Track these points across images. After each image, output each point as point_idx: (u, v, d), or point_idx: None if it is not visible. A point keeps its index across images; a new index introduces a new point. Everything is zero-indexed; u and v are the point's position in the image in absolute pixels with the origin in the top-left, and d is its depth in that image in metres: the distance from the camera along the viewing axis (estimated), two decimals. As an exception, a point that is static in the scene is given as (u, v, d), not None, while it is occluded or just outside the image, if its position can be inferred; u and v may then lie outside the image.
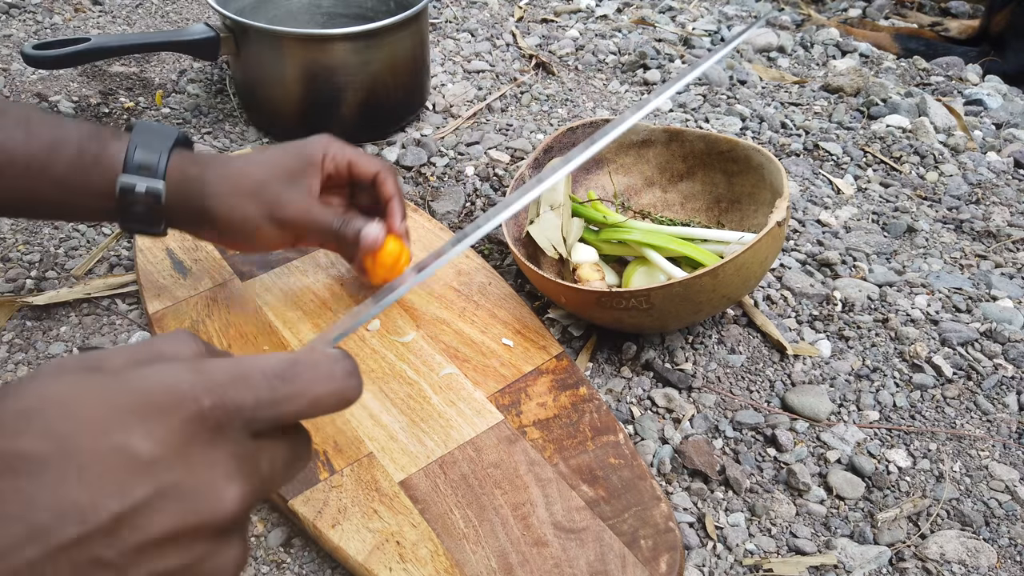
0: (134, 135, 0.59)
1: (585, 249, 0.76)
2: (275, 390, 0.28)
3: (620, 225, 0.75)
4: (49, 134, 0.57)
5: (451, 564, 0.52)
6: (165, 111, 1.02)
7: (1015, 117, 1.17)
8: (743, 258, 0.62)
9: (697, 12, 1.42)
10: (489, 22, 1.30)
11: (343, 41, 0.90)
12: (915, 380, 0.72)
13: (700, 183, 0.82)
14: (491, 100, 1.09)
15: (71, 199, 0.58)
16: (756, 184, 0.77)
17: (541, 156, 0.80)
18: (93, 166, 0.58)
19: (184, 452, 0.26)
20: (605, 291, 0.64)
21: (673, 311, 0.65)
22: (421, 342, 0.69)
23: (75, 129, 0.58)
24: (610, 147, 0.84)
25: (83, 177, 0.58)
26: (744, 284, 0.65)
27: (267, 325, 0.70)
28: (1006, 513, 0.62)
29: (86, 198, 0.59)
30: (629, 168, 0.85)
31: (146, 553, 0.25)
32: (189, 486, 0.26)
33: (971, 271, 0.85)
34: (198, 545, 0.26)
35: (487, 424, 0.62)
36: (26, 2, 1.23)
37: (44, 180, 0.57)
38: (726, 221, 0.80)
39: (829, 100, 1.16)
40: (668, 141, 0.82)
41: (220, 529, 0.27)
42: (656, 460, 0.64)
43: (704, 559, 0.57)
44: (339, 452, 0.59)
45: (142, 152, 0.58)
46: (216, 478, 0.26)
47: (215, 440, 0.27)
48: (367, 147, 0.98)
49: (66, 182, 0.57)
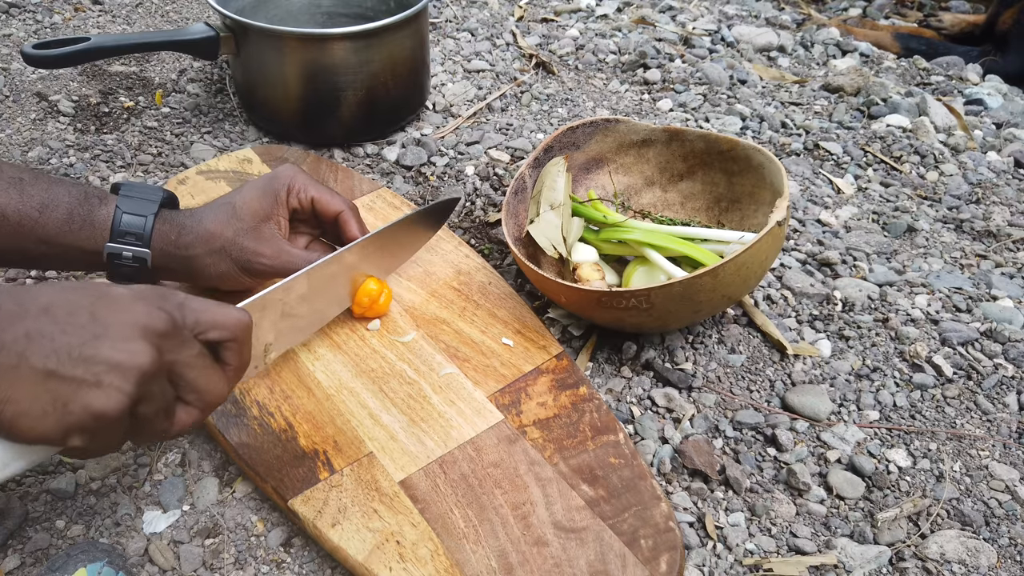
0: (120, 200, 0.62)
1: (585, 249, 0.76)
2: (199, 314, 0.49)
3: (620, 225, 0.75)
4: (40, 196, 0.60)
5: (451, 564, 0.52)
6: (165, 111, 1.02)
7: (1015, 117, 1.17)
8: (743, 258, 0.62)
9: (697, 12, 1.42)
10: (489, 22, 1.30)
11: (343, 41, 0.90)
12: (915, 380, 0.72)
13: (700, 183, 0.82)
14: (491, 100, 1.09)
15: (62, 254, 0.62)
16: (756, 184, 0.77)
17: (541, 155, 0.80)
18: (81, 230, 0.61)
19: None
20: (605, 291, 0.64)
21: (673, 311, 0.65)
22: (421, 342, 0.69)
23: (65, 192, 0.61)
24: (611, 146, 0.84)
25: (73, 238, 0.61)
26: (744, 284, 0.65)
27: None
28: (1006, 513, 0.62)
29: (76, 254, 0.62)
30: (629, 168, 0.85)
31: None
32: None
33: (971, 271, 0.85)
34: None
35: (487, 424, 0.62)
36: (26, 2, 1.23)
37: (34, 238, 0.60)
38: (726, 221, 0.80)
39: (829, 100, 1.16)
40: (668, 141, 0.82)
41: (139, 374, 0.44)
42: (656, 460, 0.64)
43: (704, 559, 0.57)
44: (339, 452, 0.59)
45: (128, 219, 0.62)
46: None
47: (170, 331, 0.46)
48: (367, 146, 0.98)
49: (56, 241, 0.61)
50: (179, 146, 0.96)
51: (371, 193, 0.85)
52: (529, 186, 0.80)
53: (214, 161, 0.89)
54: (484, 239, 0.85)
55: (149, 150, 0.95)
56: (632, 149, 0.84)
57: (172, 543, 0.57)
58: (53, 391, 0.42)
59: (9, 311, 0.42)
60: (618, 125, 0.82)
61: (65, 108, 1.00)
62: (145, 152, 0.94)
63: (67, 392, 0.42)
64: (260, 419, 0.62)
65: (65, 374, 0.42)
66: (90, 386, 0.43)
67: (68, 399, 0.42)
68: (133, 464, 0.62)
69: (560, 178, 0.77)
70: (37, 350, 0.42)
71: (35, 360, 0.41)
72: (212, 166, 0.88)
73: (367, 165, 0.96)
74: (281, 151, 0.91)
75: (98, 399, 0.43)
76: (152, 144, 0.96)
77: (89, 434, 0.44)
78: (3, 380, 0.41)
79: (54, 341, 0.42)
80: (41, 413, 0.42)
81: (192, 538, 0.57)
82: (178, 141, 0.97)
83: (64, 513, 0.58)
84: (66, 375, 0.42)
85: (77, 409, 0.42)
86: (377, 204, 0.84)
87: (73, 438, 0.43)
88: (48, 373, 0.42)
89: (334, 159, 0.96)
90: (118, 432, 0.45)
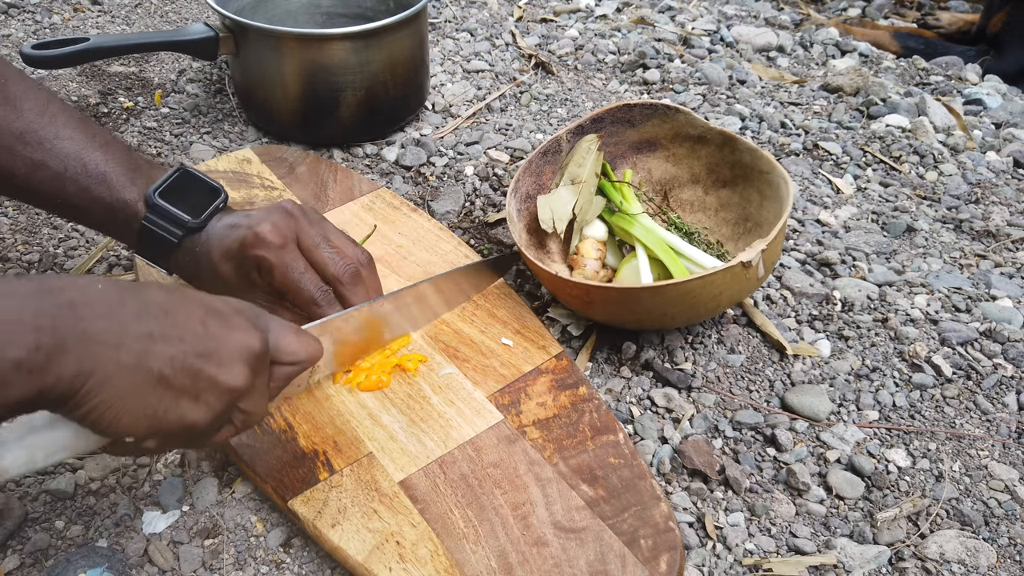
0: (149, 214, 0.62)
1: (598, 226, 0.77)
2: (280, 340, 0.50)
3: (628, 215, 0.75)
4: (104, 137, 0.63)
5: (451, 564, 0.52)
6: (164, 111, 1.02)
7: (1014, 117, 1.17)
8: (690, 286, 0.62)
9: (696, 12, 1.42)
10: (488, 22, 1.30)
11: (342, 41, 0.90)
12: (915, 380, 0.72)
13: (739, 196, 0.80)
14: (490, 100, 1.09)
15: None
16: (778, 215, 0.73)
17: (587, 124, 0.81)
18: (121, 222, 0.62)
19: None
20: (553, 274, 0.67)
21: (615, 313, 0.68)
22: (421, 342, 0.69)
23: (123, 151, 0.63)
24: (667, 133, 0.83)
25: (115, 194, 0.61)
26: (692, 310, 0.66)
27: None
28: (1005, 513, 0.62)
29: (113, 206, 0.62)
30: (680, 159, 0.84)
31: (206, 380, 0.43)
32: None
33: (970, 271, 0.85)
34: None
35: (487, 424, 0.62)
36: (25, 2, 1.23)
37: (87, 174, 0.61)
38: (744, 243, 0.78)
39: (828, 100, 1.16)
40: (722, 145, 0.80)
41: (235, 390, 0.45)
42: (656, 460, 0.64)
43: (704, 559, 0.57)
44: (339, 452, 0.59)
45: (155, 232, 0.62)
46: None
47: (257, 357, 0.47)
48: (366, 147, 0.98)
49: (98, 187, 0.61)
50: (178, 146, 0.96)
51: (370, 193, 0.85)
52: (565, 150, 0.81)
53: (213, 161, 0.89)
54: (484, 239, 0.85)
55: (148, 150, 0.95)
56: (687, 142, 0.83)
57: (171, 543, 0.57)
58: (159, 396, 0.42)
59: (133, 307, 0.42)
60: (677, 115, 0.81)
61: (64, 108, 1.00)
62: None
63: (169, 399, 0.42)
64: (260, 419, 0.62)
65: (175, 383, 0.42)
66: (190, 398, 0.43)
67: (168, 406, 0.42)
68: (132, 464, 0.62)
69: (590, 156, 0.77)
70: (158, 353, 0.41)
71: (154, 363, 0.41)
72: (211, 166, 0.88)
73: (366, 165, 0.96)
74: (280, 151, 0.91)
75: (193, 412, 0.43)
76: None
77: (166, 439, 0.44)
78: (119, 379, 0.40)
79: (174, 347, 0.42)
80: (142, 415, 0.41)
81: (191, 538, 0.57)
82: (177, 141, 0.97)
83: (64, 513, 0.58)
84: (176, 384, 0.42)
85: (173, 417, 0.42)
86: (376, 204, 0.84)
87: (151, 440, 0.43)
88: (161, 379, 0.41)
89: (333, 159, 0.96)
90: (184, 440, 0.45)
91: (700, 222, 0.83)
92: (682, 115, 0.81)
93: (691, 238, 0.78)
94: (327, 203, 0.84)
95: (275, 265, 0.60)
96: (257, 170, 0.88)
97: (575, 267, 0.76)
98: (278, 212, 0.61)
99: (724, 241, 0.80)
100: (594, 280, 0.75)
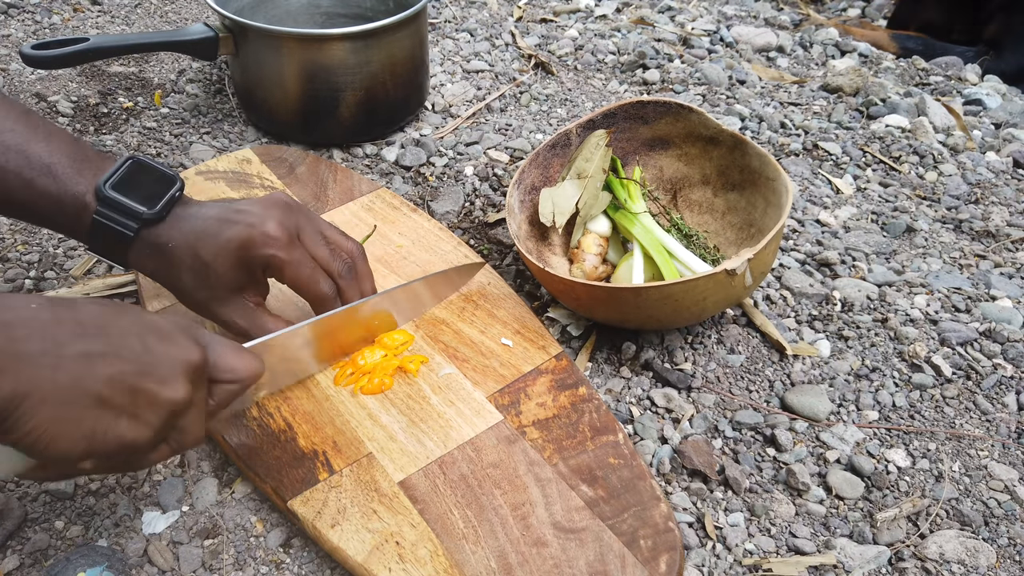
0: (101, 206, 0.58)
1: (602, 222, 0.77)
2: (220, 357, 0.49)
3: (630, 212, 0.75)
4: (47, 129, 0.58)
5: (450, 564, 0.52)
6: (164, 111, 1.02)
7: (1014, 117, 1.17)
8: (671, 289, 0.63)
9: (696, 12, 1.42)
10: (488, 22, 1.30)
11: (342, 41, 0.90)
12: (914, 380, 0.72)
13: (746, 200, 0.80)
14: (490, 100, 1.09)
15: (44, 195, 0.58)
16: (778, 223, 0.72)
17: (599, 119, 0.81)
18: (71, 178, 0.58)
19: None
20: (544, 270, 0.67)
21: (601, 311, 0.69)
22: (420, 342, 0.69)
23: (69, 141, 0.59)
24: (679, 132, 0.83)
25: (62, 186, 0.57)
26: (675, 314, 0.66)
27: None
28: (1005, 513, 0.62)
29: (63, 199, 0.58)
30: (692, 159, 0.84)
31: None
32: None
33: (970, 271, 0.85)
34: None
35: (486, 424, 0.62)
36: (25, 2, 1.23)
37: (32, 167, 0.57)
38: (746, 248, 0.78)
39: (828, 100, 1.16)
40: (733, 147, 0.80)
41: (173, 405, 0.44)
42: (655, 460, 0.64)
43: (704, 559, 0.57)
44: (338, 452, 0.59)
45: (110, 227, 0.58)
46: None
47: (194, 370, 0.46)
48: (366, 147, 0.98)
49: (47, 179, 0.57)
50: (178, 146, 0.96)
51: (370, 193, 0.85)
52: (575, 144, 0.81)
53: (213, 161, 0.89)
54: (483, 239, 0.85)
55: (148, 151, 0.95)
56: (699, 142, 0.83)
57: (171, 544, 0.57)
58: (97, 416, 0.41)
59: (69, 326, 0.41)
60: (691, 114, 0.81)
61: (64, 109, 1.00)
62: (144, 153, 0.94)
63: (108, 419, 0.41)
64: (259, 420, 0.62)
65: (114, 401, 0.41)
66: (129, 416, 0.42)
67: (107, 426, 0.41)
68: (132, 465, 0.62)
69: (598, 151, 0.77)
70: (95, 373, 0.40)
71: (91, 383, 0.40)
72: (211, 166, 0.88)
73: (366, 165, 0.96)
74: (280, 151, 0.91)
75: (132, 430, 0.42)
76: (151, 144, 0.96)
77: (103, 460, 0.43)
78: (56, 401, 0.39)
79: (111, 366, 0.41)
80: (79, 436, 0.40)
81: (191, 539, 0.57)
82: (177, 142, 0.97)
83: (63, 514, 0.58)
84: (114, 402, 0.41)
85: (111, 437, 0.41)
86: (376, 204, 0.84)
87: (88, 462, 0.42)
88: (99, 398, 0.40)
89: (333, 159, 0.96)
90: (121, 462, 0.45)
91: (706, 224, 0.82)
92: (695, 115, 0.81)
93: (689, 241, 0.78)
94: (327, 203, 0.84)
95: (286, 264, 0.59)
96: (257, 170, 0.88)
97: (575, 261, 0.76)
98: (278, 208, 0.59)
99: (727, 245, 0.80)
100: (592, 275, 0.75)
